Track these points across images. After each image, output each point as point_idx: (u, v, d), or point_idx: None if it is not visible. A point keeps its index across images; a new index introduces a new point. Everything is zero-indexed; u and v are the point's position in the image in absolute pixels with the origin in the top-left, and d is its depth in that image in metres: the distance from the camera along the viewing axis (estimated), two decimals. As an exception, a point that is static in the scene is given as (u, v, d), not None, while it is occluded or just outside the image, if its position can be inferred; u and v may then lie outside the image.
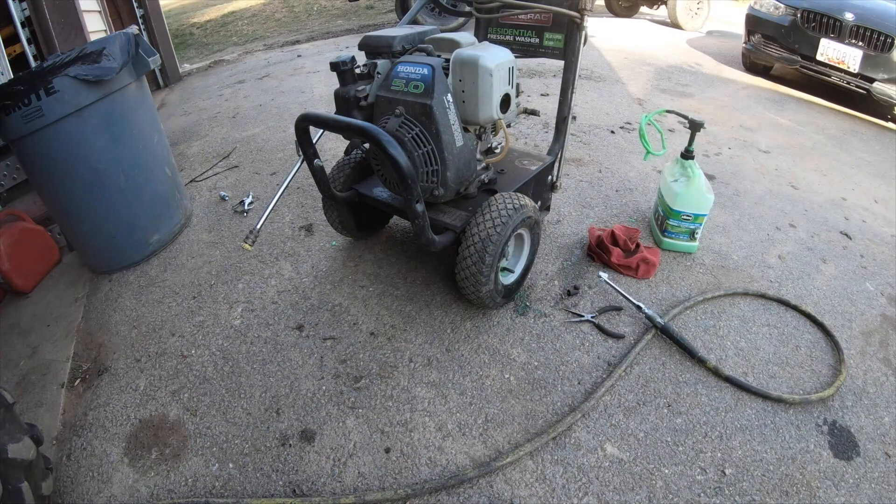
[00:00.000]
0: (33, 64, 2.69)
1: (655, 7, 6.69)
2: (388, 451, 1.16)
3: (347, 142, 1.70)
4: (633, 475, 1.10)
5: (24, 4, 2.72)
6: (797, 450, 1.18)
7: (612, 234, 1.72)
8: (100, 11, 3.78)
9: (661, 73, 4.05)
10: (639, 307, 1.47)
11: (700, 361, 1.35)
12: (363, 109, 1.40)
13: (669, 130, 2.75)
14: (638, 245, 1.69)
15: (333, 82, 1.41)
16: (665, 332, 1.41)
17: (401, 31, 1.46)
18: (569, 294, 1.58)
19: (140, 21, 4.42)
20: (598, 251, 1.71)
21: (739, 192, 2.24)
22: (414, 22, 1.87)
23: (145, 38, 3.90)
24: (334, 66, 1.36)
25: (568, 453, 1.14)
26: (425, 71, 1.24)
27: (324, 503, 1.06)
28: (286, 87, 3.88)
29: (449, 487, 1.08)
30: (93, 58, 1.58)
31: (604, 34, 5.20)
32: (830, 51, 3.63)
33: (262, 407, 1.29)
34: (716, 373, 1.32)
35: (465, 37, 1.44)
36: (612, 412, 1.22)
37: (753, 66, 4.47)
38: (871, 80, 3.45)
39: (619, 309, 1.52)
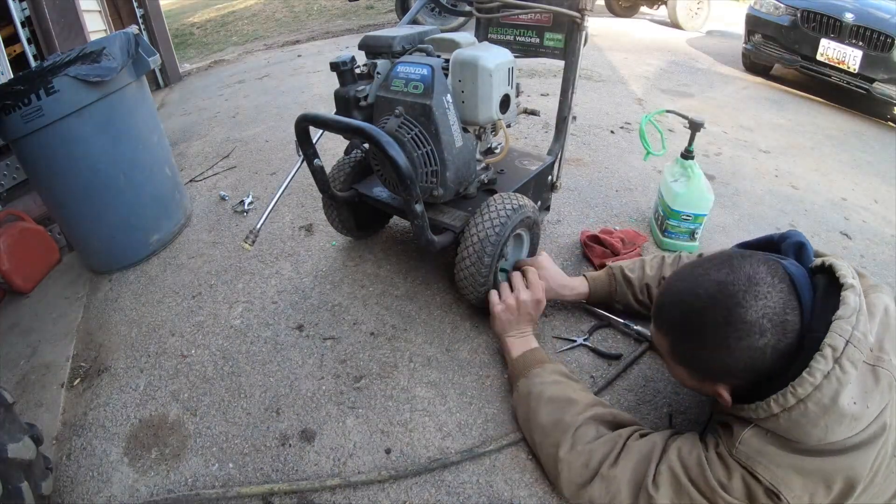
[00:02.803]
0: (33, 64, 2.69)
1: (655, 7, 6.69)
2: (388, 451, 1.16)
3: (347, 142, 1.70)
4: (633, 475, 1.09)
5: (24, 4, 2.72)
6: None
7: (596, 236, 1.72)
8: (100, 11, 3.79)
9: (661, 73, 4.05)
10: (626, 325, 1.40)
11: None
12: (363, 109, 1.39)
13: (669, 130, 2.75)
14: (634, 250, 1.68)
15: (333, 82, 1.41)
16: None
17: (401, 31, 1.46)
18: None
19: (140, 21, 4.42)
20: (592, 245, 1.71)
21: (739, 192, 2.24)
22: (414, 22, 1.87)
23: (145, 37, 3.91)
24: (334, 66, 1.36)
25: (567, 453, 1.14)
26: (425, 71, 1.24)
27: (310, 486, 1.08)
28: (286, 87, 3.88)
29: (432, 470, 1.10)
30: (93, 58, 1.58)
31: (604, 34, 5.20)
32: (830, 51, 3.63)
33: (262, 407, 1.29)
34: None
35: (465, 37, 1.44)
36: (611, 412, 1.22)
37: (753, 66, 4.47)
38: (871, 80, 3.45)
39: (607, 325, 1.46)
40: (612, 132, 2.73)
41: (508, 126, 1.39)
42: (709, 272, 0.83)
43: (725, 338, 0.78)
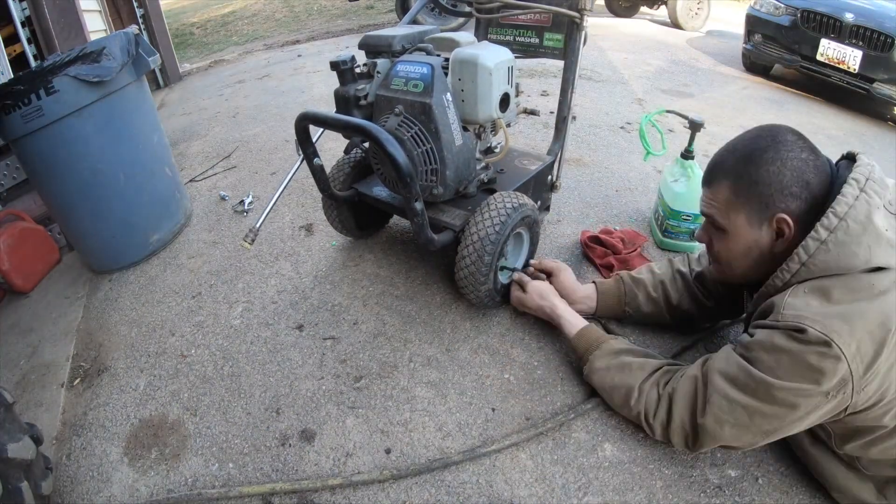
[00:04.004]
0: (33, 64, 2.69)
1: (655, 7, 6.69)
2: (388, 451, 1.16)
3: (346, 142, 1.70)
4: (633, 475, 1.09)
5: (24, 4, 2.72)
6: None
7: (597, 236, 1.72)
8: (100, 11, 3.79)
9: (661, 73, 4.05)
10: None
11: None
12: (363, 108, 1.40)
13: (669, 130, 2.75)
14: (635, 250, 1.68)
15: (333, 82, 1.41)
16: None
17: (401, 30, 1.46)
18: None
19: (140, 21, 4.43)
20: (592, 245, 1.71)
21: (739, 191, 2.23)
22: (414, 22, 1.88)
23: (145, 37, 3.90)
24: (334, 66, 1.36)
25: (568, 453, 1.14)
26: (425, 70, 1.24)
27: (311, 486, 1.08)
28: (286, 87, 3.88)
29: (432, 470, 1.09)
30: (93, 58, 1.58)
31: (604, 34, 5.20)
32: (830, 51, 3.62)
33: (262, 407, 1.29)
34: None
35: (465, 36, 1.44)
36: (611, 412, 1.22)
37: (753, 66, 4.46)
38: (871, 80, 3.45)
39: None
40: (612, 132, 2.73)
41: (508, 126, 1.39)
42: (746, 133, 0.99)
43: (777, 152, 0.91)
